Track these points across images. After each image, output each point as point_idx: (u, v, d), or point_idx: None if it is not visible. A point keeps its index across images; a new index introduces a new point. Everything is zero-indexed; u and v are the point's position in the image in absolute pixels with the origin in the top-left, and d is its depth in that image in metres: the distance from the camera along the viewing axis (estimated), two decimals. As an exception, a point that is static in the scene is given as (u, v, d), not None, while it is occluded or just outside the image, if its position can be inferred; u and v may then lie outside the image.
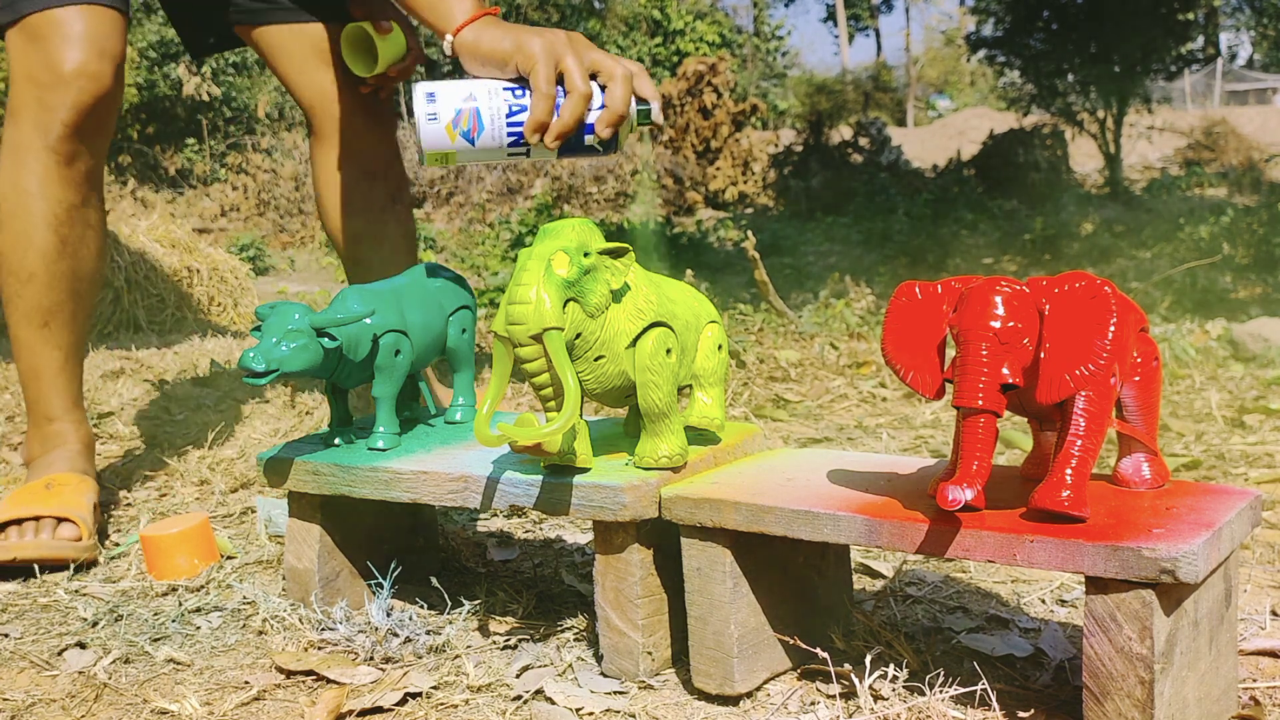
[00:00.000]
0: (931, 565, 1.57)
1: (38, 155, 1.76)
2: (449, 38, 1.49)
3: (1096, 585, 0.99)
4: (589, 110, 1.42)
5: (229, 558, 1.67)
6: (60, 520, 1.64)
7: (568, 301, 1.15)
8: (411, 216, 2.14)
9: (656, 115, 1.45)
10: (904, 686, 1.14)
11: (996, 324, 1.02)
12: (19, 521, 1.63)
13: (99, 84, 1.77)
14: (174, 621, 1.44)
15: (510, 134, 1.41)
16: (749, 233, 4.88)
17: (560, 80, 1.41)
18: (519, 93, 1.42)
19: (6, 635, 1.42)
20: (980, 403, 1.01)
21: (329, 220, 2.08)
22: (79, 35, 1.74)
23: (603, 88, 1.42)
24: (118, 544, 1.77)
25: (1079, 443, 1.04)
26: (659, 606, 1.22)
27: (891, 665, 1.15)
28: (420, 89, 1.40)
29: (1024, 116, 14.48)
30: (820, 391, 2.88)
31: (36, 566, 1.62)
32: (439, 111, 1.39)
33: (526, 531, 1.79)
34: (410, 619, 1.34)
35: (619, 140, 1.44)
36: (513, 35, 1.43)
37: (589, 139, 1.43)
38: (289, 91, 2.05)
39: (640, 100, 1.44)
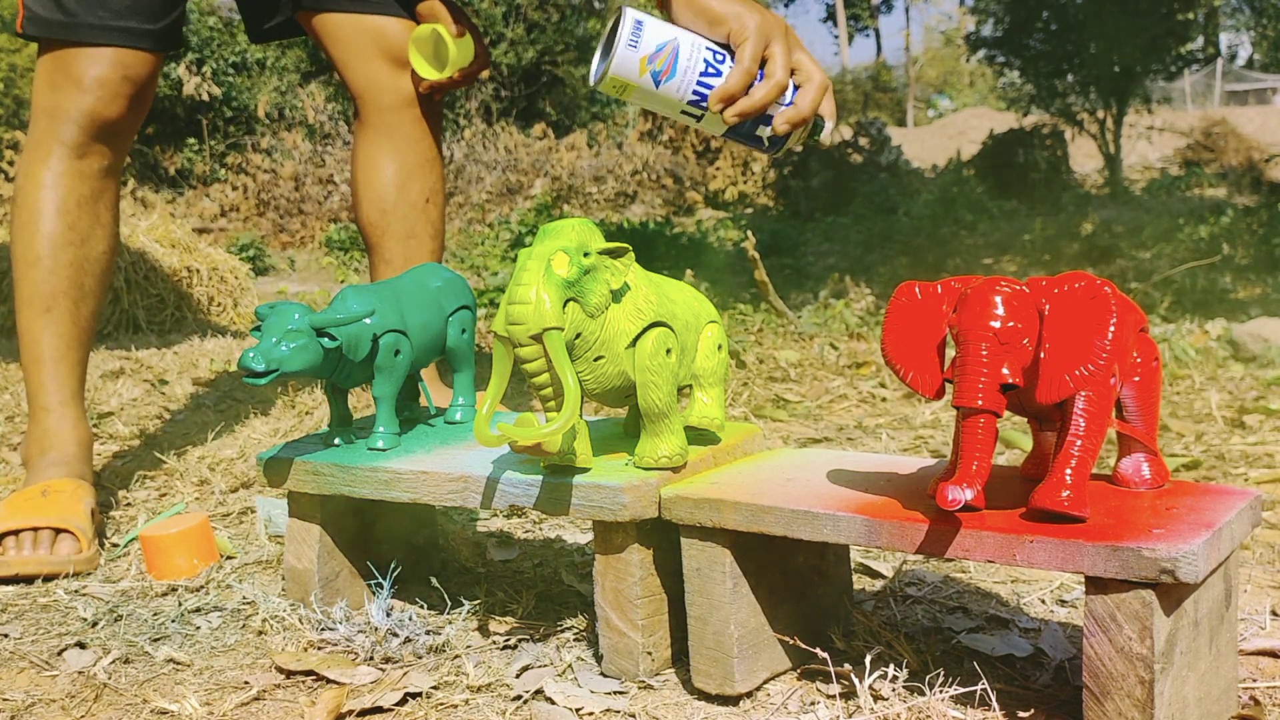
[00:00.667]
0: (931, 565, 1.57)
1: (51, 150, 1.83)
2: None
3: (1096, 585, 0.99)
4: (778, 102, 1.39)
5: (229, 558, 1.67)
6: (59, 531, 1.64)
7: (568, 301, 1.15)
8: (443, 219, 2.16)
9: (826, 135, 1.44)
10: (904, 686, 1.14)
11: (996, 324, 1.02)
12: (16, 533, 1.63)
13: (115, 97, 1.83)
14: (174, 621, 1.44)
15: (695, 92, 1.38)
16: (749, 233, 4.88)
17: (762, 64, 1.39)
18: (719, 57, 1.38)
19: (6, 635, 1.42)
20: (980, 403, 1.01)
21: (361, 210, 2.11)
22: (107, 58, 1.83)
23: (797, 87, 1.40)
24: (117, 544, 1.77)
25: (1079, 443, 1.04)
26: (659, 606, 1.22)
27: (891, 665, 1.15)
28: (630, 14, 1.36)
29: (1024, 116, 14.48)
30: (820, 391, 2.88)
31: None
32: (641, 42, 1.35)
33: (526, 531, 1.79)
34: (410, 619, 1.34)
35: (786, 142, 1.42)
36: (735, 1, 1.40)
37: (762, 130, 1.40)
38: (341, 79, 2.11)
39: (819, 115, 1.43)
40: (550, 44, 19.12)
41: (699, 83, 1.37)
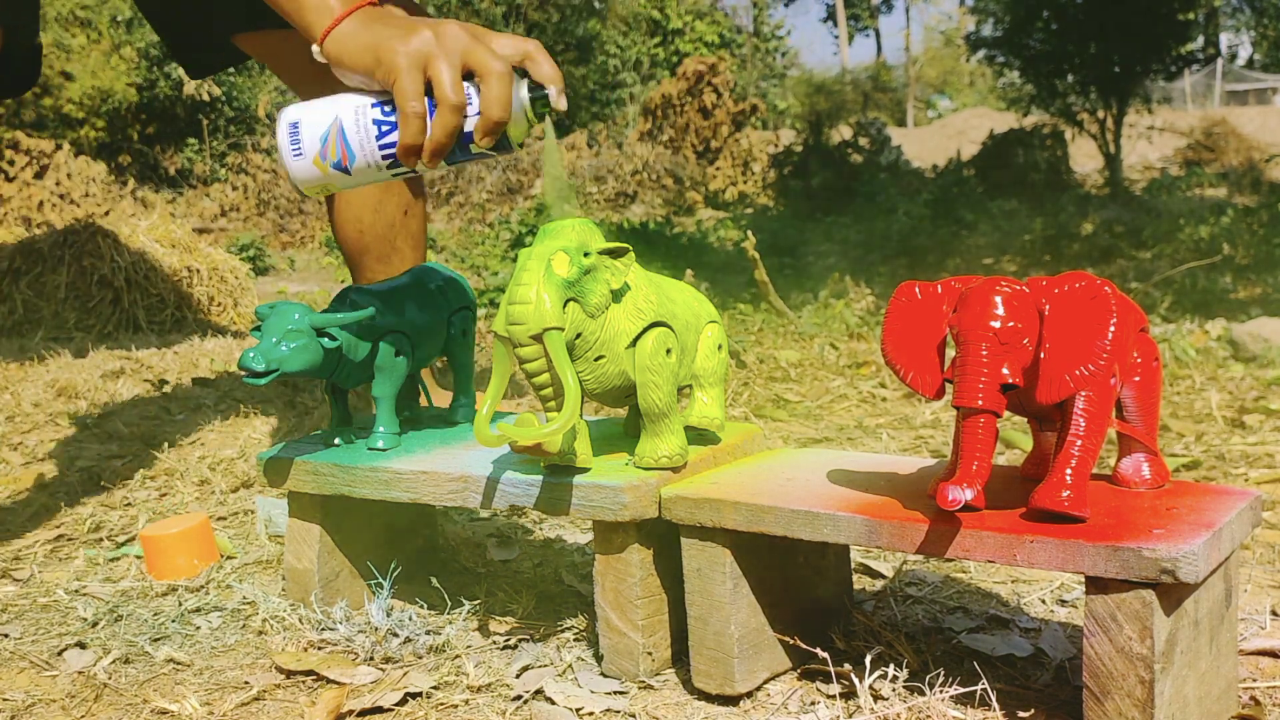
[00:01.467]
0: (931, 565, 1.57)
1: None
2: (315, 48, 1.26)
3: (1097, 585, 0.99)
4: (465, 118, 1.22)
5: (229, 558, 1.67)
6: None
7: (568, 301, 1.15)
8: (424, 227, 2.09)
9: (556, 100, 1.24)
10: (904, 686, 1.14)
11: (996, 324, 1.02)
12: None
13: None
14: (174, 621, 1.43)
15: (385, 156, 1.25)
16: (749, 233, 4.88)
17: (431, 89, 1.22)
18: (388, 110, 1.24)
19: (6, 635, 1.42)
20: (980, 403, 1.01)
21: (338, 230, 2.05)
22: None
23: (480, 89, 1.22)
24: (118, 544, 1.77)
25: (1079, 443, 1.04)
26: (659, 606, 1.22)
27: (891, 665, 1.15)
28: (284, 119, 1.23)
29: (1024, 116, 14.48)
30: (820, 391, 2.88)
31: (36, 569, 1.62)
32: (304, 145, 1.22)
33: (526, 531, 1.79)
34: (410, 619, 1.34)
35: (510, 140, 1.25)
36: (375, 43, 1.22)
37: (474, 147, 1.25)
38: (296, 97, 2.02)
39: (535, 86, 1.23)
40: (550, 44, 19.11)
41: (382, 148, 1.24)
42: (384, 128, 1.23)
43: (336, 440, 1.42)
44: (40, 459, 2.35)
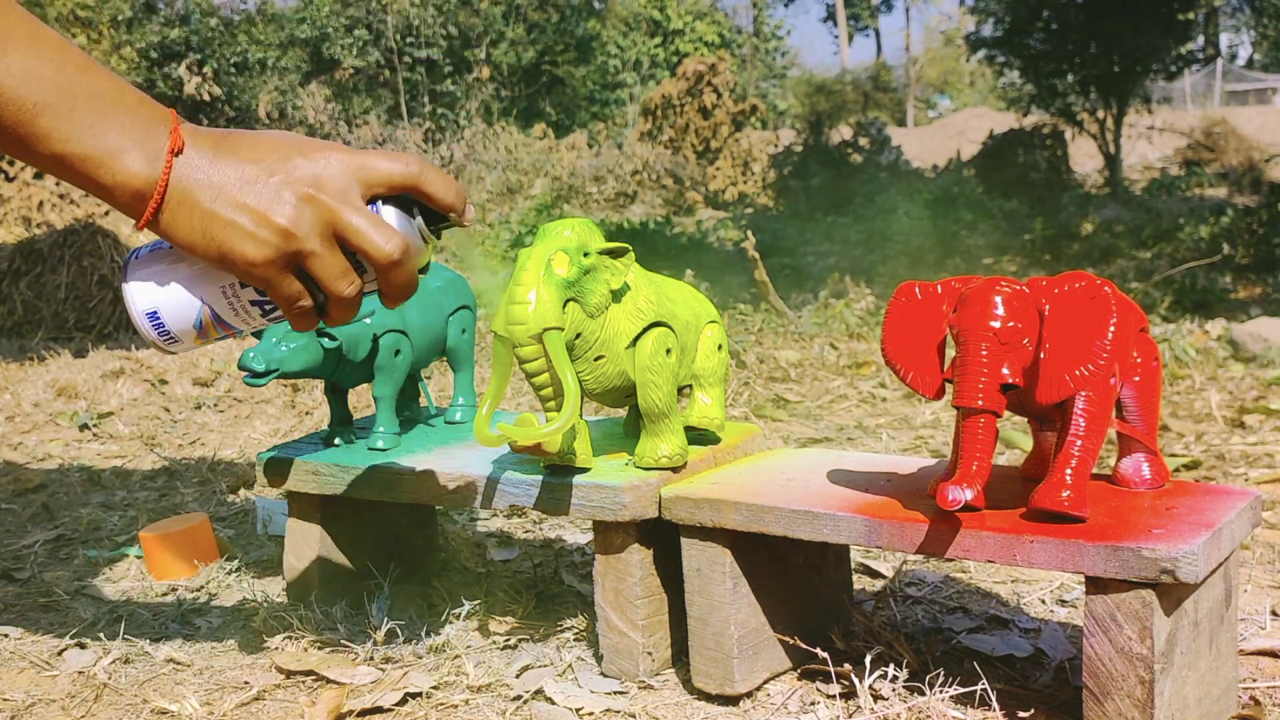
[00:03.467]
0: (931, 565, 1.57)
1: None
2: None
3: (1096, 585, 0.99)
4: (358, 287, 0.99)
5: (229, 558, 1.67)
6: None
7: (567, 301, 1.15)
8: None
9: (460, 220, 1.03)
10: (904, 686, 1.14)
11: (996, 324, 1.02)
12: None
13: None
14: (174, 621, 1.43)
15: (278, 319, 1.04)
16: (749, 233, 4.88)
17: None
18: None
19: (6, 635, 1.42)
20: (980, 403, 1.01)
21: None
22: None
23: (365, 258, 0.98)
24: (118, 544, 1.77)
25: (1079, 443, 1.04)
26: (659, 606, 1.22)
27: (891, 665, 1.15)
28: (137, 304, 0.99)
29: (1024, 116, 14.47)
30: (820, 391, 2.88)
31: (36, 569, 1.62)
32: (175, 332, 1.00)
33: (526, 531, 1.79)
34: (410, 618, 1.34)
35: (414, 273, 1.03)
36: (216, 237, 0.94)
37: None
38: None
39: (430, 210, 1.02)
40: (550, 44, 19.13)
41: (271, 319, 1.03)
42: (268, 307, 1.01)
43: (336, 440, 1.42)
44: (40, 459, 2.35)
